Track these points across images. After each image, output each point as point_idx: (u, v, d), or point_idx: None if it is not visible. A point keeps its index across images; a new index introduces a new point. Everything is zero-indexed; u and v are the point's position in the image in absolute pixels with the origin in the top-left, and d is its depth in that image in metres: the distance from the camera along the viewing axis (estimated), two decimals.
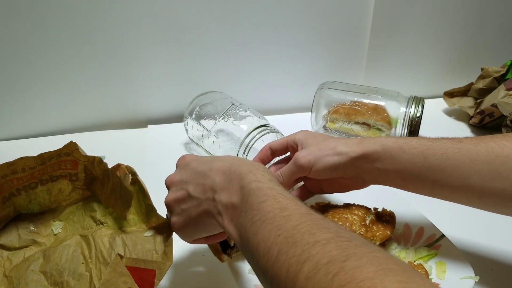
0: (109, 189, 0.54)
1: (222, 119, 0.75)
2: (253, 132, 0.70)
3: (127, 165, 0.53)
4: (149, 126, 0.93)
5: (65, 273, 0.48)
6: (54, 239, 0.55)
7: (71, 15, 0.79)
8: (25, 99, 0.85)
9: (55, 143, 0.89)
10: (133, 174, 0.52)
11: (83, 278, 0.48)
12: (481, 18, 1.00)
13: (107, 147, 0.83)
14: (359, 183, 0.55)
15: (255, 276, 0.54)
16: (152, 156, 0.83)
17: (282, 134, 0.72)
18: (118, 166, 0.53)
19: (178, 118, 0.93)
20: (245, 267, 0.56)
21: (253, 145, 0.70)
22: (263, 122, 0.72)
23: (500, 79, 0.90)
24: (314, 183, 0.57)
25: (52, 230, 0.56)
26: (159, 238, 0.50)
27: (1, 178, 0.50)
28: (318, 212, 0.34)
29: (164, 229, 0.51)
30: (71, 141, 0.52)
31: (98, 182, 0.56)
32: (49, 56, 0.82)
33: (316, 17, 0.91)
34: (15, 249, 0.53)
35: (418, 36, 1.00)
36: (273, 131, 0.71)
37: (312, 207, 0.62)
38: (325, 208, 0.61)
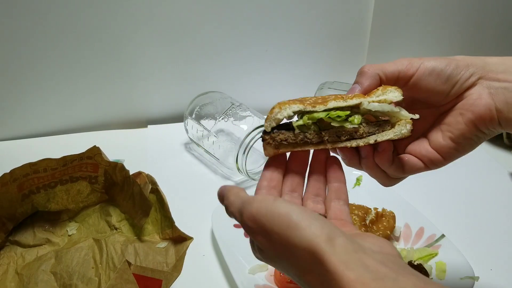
0: (128, 196, 0.54)
1: (222, 119, 0.75)
2: (253, 132, 0.70)
3: (147, 173, 0.53)
4: (149, 126, 0.93)
5: (74, 276, 0.49)
6: (68, 240, 0.55)
7: (72, 16, 0.78)
8: (25, 99, 0.85)
9: (55, 143, 0.90)
10: (153, 183, 0.52)
11: (91, 283, 0.48)
12: (481, 17, 1.00)
13: (107, 147, 0.83)
14: (476, 110, 0.38)
15: (255, 276, 0.55)
16: (152, 156, 0.83)
17: None
18: (138, 173, 0.53)
19: (178, 118, 0.93)
20: (245, 267, 0.56)
21: (253, 145, 0.70)
22: (263, 122, 0.72)
23: None
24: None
25: (67, 230, 0.57)
26: (171, 251, 0.50)
27: (23, 177, 0.51)
28: None
29: (178, 242, 0.51)
30: (95, 146, 0.52)
31: (117, 187, 0.56)
32: (49, 57, 0.82)
33: (316, 17, 0.91)
34: (29, 246, 0.54)
35: (418, 36, 1.00)
36: None
37: None
38: None
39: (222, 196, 0.36)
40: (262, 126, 0.71)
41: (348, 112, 0.38)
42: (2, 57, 0.79)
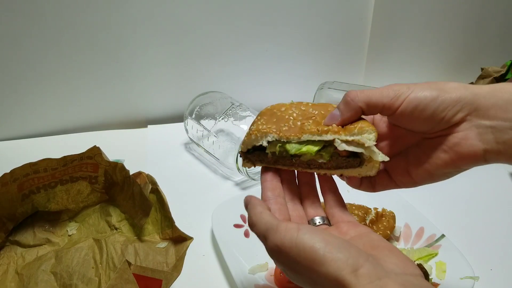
0: (128, 196, 0.54)
1: (222, 119, 0.75)
2: None
3: (148, 174, 0.53)
4: (149, 126, 0.93)
5: (74, 276, 0.49)
6: (68, 240, 0.56)
7: (72, 16, 0.78)
8: (25, 99, 0.85)
9: (55, 143, 0.90)
10: (153, 183, 0.53)
11: (91, 283, 0.48)
12: (481, 18, 1.00)
13: (107, 147, 0.83)
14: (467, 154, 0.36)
15: (255, 276, 0.55)
16: (152, 156, 0.83)
17: None
18: (139, 173, 0.53)
19: (178, 118, 0.93)
20: (245, 266, 0.56)
21: None
22: None
23: (500, 79, 0.90)
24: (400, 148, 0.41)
25: (67, 230, 0.57)
26: (171, 251, 0.50)
27: (23, 177, 0.51)
28: None
29: (178, 242, 0.51)
30: (95, 146, 0.53)
31: (117, 187, 0.56)
32: (49, 57, 0.82)
33: (316, 17, 0.91)
34: (29, 246, 0.54)
35: (418, 36, 1.00)
36: None
37: None
38: None
39: (246, 208, 0.38)
40: None
41: (318, 148, 0.39)
42: (2, 57, 0.79)
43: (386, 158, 0.38)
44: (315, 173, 0.42)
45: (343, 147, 0.38)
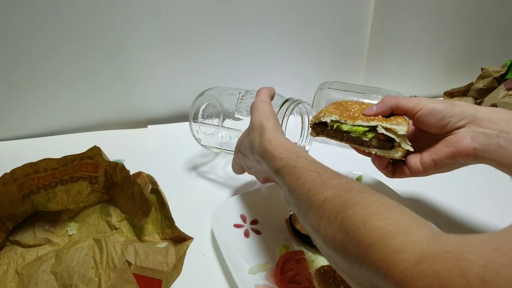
0: (129, 196, 0.54)
1: (227, 119, 0.74)
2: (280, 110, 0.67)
3: (148, 173, 0.53)
4: (149, 126, 0.93)
5: (74, 276, 0.49)
6: (68, 240, 0.55)
7: (72, 16, 0.79)
8: (25, 99, 0.85)
9: (55, 143, 0.90)
10: (153, 183, 0.53)
11: (91, 283, 0.48)
12: (480, 18, 1.00)
13: (107, 147, 0.83)
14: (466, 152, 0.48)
15: (255, 276, 0.55)
16: (152, 156, 0.83)
17: (307, 103, 0.72)
18: (139, 173, 0.53)
19: (178, 118, 0.93)
20: (245, 267, 0.56)
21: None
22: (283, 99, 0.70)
23: (500, 79, 0.90)
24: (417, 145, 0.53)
25: (67, 230, 0.57)
26: (171, 251, 0.50)
27: (23, 177, 0.51)
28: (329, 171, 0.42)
29: (178, 242, 0.51)
30: (95, 146, 0.53)
31: (117, 187, 0.56)
32: (49, 57, 0.82)
33: (316, 17, 0.92)
34: (29, 246, 0.54)
35: (418, 36, 1.00)
36: (298, 102, 0.69)
37: None
38: None
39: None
40: (285, 102, 0.70)
41: (366, 129, 0.52)
42: (2, 57, 0.79)
43: (411, 148, 0.50)
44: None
45: (382, 131, 0.50)
